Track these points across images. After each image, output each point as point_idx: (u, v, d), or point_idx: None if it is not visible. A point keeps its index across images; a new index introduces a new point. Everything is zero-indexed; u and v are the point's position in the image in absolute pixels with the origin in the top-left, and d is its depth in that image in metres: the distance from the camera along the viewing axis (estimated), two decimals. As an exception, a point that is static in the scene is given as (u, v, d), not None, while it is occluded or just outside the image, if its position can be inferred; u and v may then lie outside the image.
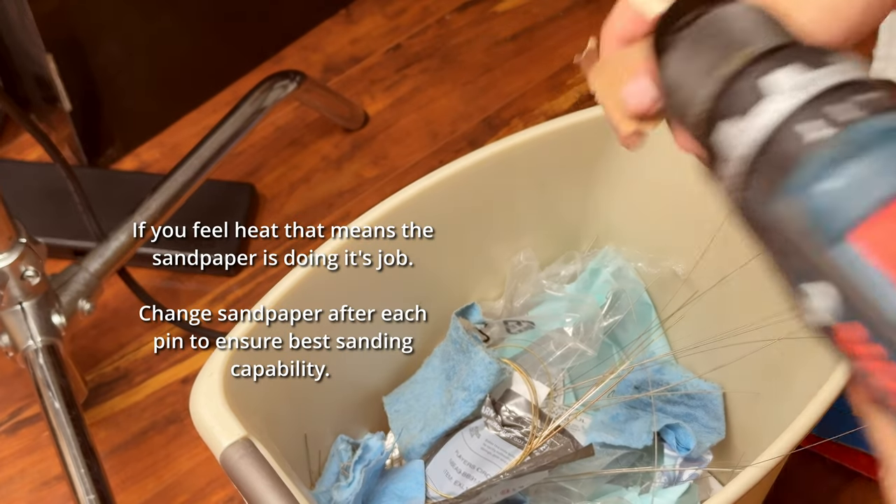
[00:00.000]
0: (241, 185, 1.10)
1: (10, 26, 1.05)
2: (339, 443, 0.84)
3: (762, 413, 0.82)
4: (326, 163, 1.14)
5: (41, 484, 0.97)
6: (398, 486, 0.82)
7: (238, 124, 1.03)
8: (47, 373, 0.89)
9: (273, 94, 1.05)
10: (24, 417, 1.00)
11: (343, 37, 1.22)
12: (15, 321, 0.90)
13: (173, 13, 1.11)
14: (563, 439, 0.81)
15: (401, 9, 1.24)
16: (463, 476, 0.82)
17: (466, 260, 0.87)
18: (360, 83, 1.19)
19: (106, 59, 1.09)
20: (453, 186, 0.81)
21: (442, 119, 1.16)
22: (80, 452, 0.86)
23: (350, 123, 1.15)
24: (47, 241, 0.93)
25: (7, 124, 1.16)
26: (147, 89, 1.15)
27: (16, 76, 1.10)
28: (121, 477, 0.96)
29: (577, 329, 0.84)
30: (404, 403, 0.86)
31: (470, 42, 1.22)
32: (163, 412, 1.00)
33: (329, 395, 0.82)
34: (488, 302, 0.90)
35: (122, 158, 1.14)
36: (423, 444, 0.84)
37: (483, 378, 0.81)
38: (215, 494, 0.95)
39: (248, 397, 0.73)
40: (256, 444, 0.69)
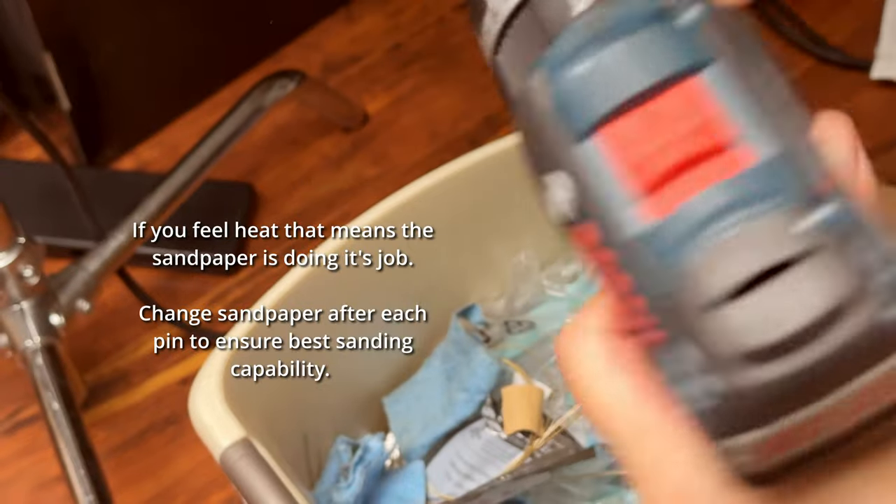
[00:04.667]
0: (240, 185, 1.10)
1: (8, 25, 1.05)
2: (338, 443, 0.83)
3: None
4: (326, 162, 1.13)
5: (39, 485, 0.96)
6: (398, 487, 0.82)
7: (237, 124, 1.02)
8: (46, 373, 0.89)
9: (272, 93, 1.05)
10: (22, 418, 1.00)
11: (343, 35, 1.22)
12: (13, 321, 0.90)
13: (172, 12, 1.11)
14: (565, 440, 0.80)
15: (401, 7, 1.24)
16: (463, 477, 0.82)
17: (466, 260, 0.87)
18: (360, 82, 1.18)
19: (105, 57, 1.08)
20: (453, 186, 0.81)
21: (442, 118, 1.16)
22: (78, 453, 0.86)
23: (350, 123, 1.15)
24: (46, 241, 0.93)
25: (5, 124, 1.15)
26: (146, 88, 1.14)
27: (14, 75, 1.10)
28: (120, 478, 0.96)
29: (579, 329, 0.84)
30: (404, 404, 0.86)
31: (471, 41, 1.21)
32: (162, 412, 0.99)
33: (329, 395, 0.82)
34: (489, 302, 0.90)
35: (120, 158, 1.14)
36: (424, 445, 0.83)
37: (484, 379, 0.81)
38: (214, 495, 0.95)
39: (248, 397, 0.73)
40: (256, 445, 0.69)
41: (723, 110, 0.32)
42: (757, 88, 0.33)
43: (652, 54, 0.33)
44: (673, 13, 0.33)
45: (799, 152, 0.32)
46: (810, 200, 0.31)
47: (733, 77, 0.33)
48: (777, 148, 0.32)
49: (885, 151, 1.10)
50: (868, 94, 1.13)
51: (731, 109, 0.32)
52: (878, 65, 1.13)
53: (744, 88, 0.32)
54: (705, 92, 0.32)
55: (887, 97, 1.13)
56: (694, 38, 0.33)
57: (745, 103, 0.32)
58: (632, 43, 0.33)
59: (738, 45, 0.33)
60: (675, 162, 0.32)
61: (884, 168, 1.09)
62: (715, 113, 0.32)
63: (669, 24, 0.33)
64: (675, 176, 0.32)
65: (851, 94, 1.13)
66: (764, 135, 0.32)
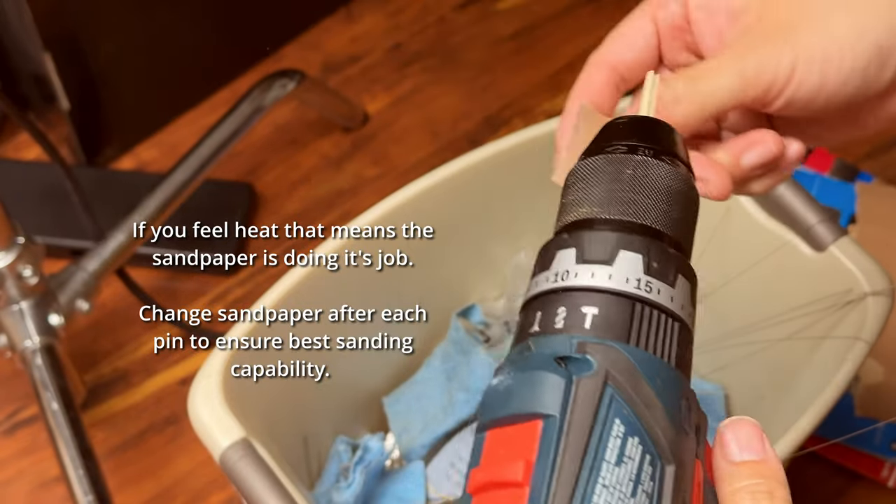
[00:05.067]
0: (240, 185, 1.10)
1: (8, 25, 1.05)
2: (338, 443, 0.83)
3: (765, 415, 0.82)
4: (326, 162, 1.13)
5: (39, 485, 0.96)
6: (398, 487, 0.82)
7: (237, 123, 1.02)
8: (45, 373, 0.89)
9: (272, 92, 1.05)
10: (21, 418, 1.00)
11: (343, 35, 1.22)
12: (12, 321, 0.90)
13: (172, 11, 1.11)
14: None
15: (401, 7, 1.23)
16: (463, 477, 0.81)
17: (466, 260, 0.87)
18: (360, 82, 1.18)
19: (104, 57, 1.08)
20: (453, 186, 0.81)
21: (442, 118, 1.16)
22: (78, 453, 0.85)
23: (350, 122, 1.15)
24: (45, 241, 0.93)
25: (5, 123, 1.15)
26: (145, 88, 1.14)
27: (14, 75, 1.10)
28: (119, 478, 0.96)
29: (579, 329, 0.84)
30: (404, 404, 0.86)
31: (470, 40, 1.21)
32: (162, 413, 0.99)
33: (329, 395, 0.82)
34: (489, 302, 0.90)
35: (120, 158, 1.14)
36: (424, 445, 0.83)
37: (484, 379, 0.81)
38: (214, 496, 0.95)
39: (248, 398, 0.73)
40: (256, 445, 0.69)
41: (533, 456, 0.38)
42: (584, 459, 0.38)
43: (524, 392, 0.39)
44: (566, 364, 0.39)
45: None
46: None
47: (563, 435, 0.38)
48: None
49: (885, 151, 1.10)
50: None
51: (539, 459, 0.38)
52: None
53: (566, 447, 0.38)
54: (535, 437, 0.38)
55: (887, 97, 1.13)
56: (563, 389, 0.39)
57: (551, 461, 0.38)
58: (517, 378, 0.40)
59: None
60: (488, 480, 0.38)
61: (884, 168, 1.09)
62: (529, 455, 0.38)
63: (552, 372, 0.39)
64: (483, 490, 0.39)
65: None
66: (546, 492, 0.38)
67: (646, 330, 0.40)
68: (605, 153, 0.44)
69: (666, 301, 0.41)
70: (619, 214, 0.42)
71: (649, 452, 0.38)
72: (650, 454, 0.38)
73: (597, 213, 0.42)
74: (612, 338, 0.40)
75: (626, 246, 0.41)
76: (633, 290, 0.40)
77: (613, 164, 0.43)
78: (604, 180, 0.43)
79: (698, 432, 0.41)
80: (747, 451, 0.41)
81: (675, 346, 0.40)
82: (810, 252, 0.78)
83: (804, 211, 0.79)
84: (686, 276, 0.42)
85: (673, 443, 0.39)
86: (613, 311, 0.40)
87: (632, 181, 0.43)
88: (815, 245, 0.78)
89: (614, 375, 0.39)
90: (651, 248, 0.41)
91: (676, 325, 0.41)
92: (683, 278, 0.41)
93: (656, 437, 0.38)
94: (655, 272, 0.41)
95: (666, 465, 0.38)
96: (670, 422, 0.39)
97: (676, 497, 0.38)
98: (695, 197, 0.44)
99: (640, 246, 0.41)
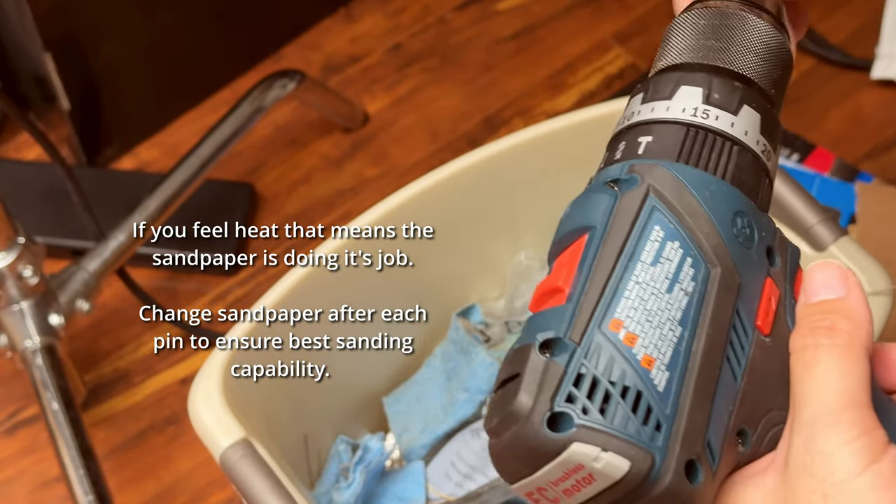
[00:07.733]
0: (240, 185, 1.10)
1: (9, 25, 1.05)
2: (338, 443, 0.83)
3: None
4: (326, 162, 1.13)
5: (40, 485, 0.96)
6: (398, 487, 0.82)
7: (237, 123, 1.02)
8: (46, 373, 0.89)
9: (272, 93, 1.05)
10: (22, 418, 1.00)
11: (343, 36, 1.22)
12: (13, 321, 0.90)
13: (172, 12, 1.11)
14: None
15: (401, 7, 1.23)
16: (463, 477, 0.81)
17: (466, 260, 0.87)
18: (360, 82, 1.18)
19: (105, 57, 1.08)
20: (453, 186, 0.81)
21: (442, 118, 1.16)
22: (78, 453, 0.86)
23: (350, 123, 1.15)
24: (46, 241, 0.93)
25: (5, 123, 1.15)
26: (146, 88, 1.14)
27: (14, 75, 1.10)
28: (120, 478, 0.96)
29: (579, 329, 0.84)
30: (404, 404, 0.86)
31: (470, 41, 1.21)
32: (162, 413, 0.99)
33: (329, 395, 0.82)
34: (489, 302, 0.90)
35: (120, 158, 1.14)
36: (424, 445, 0.83)
37: (484, 379, 0.81)
38: (214, 496, 0.95)
39: (248, 398, 0.73)
40: (256, 445, 0.69)
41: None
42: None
43: (576, 214, 0.43)
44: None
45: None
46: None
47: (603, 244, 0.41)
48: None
49: (885, 151, 1.10)
50: (868, 94, 1.13)
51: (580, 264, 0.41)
52: (878, 65, 1.13)
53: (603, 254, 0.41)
54: (581, 248, 0.41)
55: (887, 97, 1.13)
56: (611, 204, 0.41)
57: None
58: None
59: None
60: (541, 292, 0.42)
61: (884, 168, 1.09)
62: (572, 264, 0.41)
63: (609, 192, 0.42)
64: (536, 303, 0.42)
65: (851, 94, 1.13)
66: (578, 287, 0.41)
67: (697, 150, 0.42)
68: (691, 9, 0.47)
69: (725, 126, 0.43)
70: (687, 59, 0.45)
71: (690, 255, 0.40)
72: (691, 257, 0.40)
73: (669, 61, 0.45)
74: (661, 158, 0.42)
75: (687, 82, 0.44)
76: (688, 118, 0.43)
77: (692, 16, 0.46)
78: (677, 34, 0.46)
79: (770, 255, 0.43)
80: (825, 291, 0.41)
81: (732, 166, 0.42)
82: (810, 252, 0.78)
83: (804, 211, 0.79)
84: (756, 108, 0.44)
85: (718, 247, 0.41)
86: (665, 137, 0.43)
87: (706, 29, 0.45)
88: (815, 245, 0.78)
89: (657, 188, 0.41)
90: (713, 82, 0.43)
91: (735, 147, 0.43)
92: (750, 109, 0.44)
93: (699, 241, 0.41)
94: (715, 102, 0.43)
95: (711, 267, 0.41)
96: (717, 229, 0.41)
97: (723, 299, 0.40)
98: (762, 28, 0.45)
99: (702, 80, 0.44)
